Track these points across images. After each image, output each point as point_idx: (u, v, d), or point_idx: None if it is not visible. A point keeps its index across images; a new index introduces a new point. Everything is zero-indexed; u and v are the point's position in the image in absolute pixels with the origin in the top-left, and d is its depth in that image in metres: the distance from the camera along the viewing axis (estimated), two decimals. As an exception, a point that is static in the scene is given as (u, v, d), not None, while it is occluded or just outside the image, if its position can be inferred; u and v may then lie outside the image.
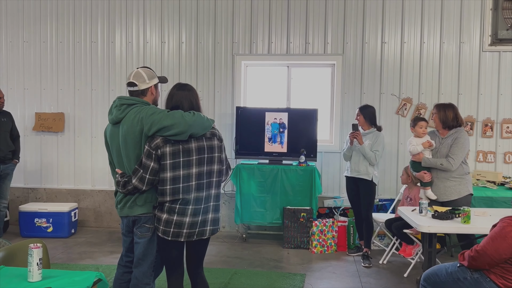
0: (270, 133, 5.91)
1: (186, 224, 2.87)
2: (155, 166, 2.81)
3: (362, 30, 6.07)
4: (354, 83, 6.11)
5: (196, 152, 2.89)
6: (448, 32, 5.95)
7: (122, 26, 6.42)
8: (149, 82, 2.99)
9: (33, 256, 2.25)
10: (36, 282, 2.22)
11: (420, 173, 4.52)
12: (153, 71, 3.09)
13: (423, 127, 4.61)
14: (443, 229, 3.72)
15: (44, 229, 5.94)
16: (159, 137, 2.81)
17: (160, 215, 2.87)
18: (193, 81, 6.32)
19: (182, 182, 2.85)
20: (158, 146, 2.80)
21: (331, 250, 5.49)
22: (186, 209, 2.86)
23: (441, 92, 5.97)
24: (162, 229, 2.86)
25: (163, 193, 2.84)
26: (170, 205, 2.85)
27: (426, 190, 4.49)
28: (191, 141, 2.87)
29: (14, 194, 6.47)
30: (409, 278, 4.60)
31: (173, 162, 2.82)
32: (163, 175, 2.82)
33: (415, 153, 4.55)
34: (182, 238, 2.88)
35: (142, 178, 2.82)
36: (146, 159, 2.82)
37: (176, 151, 2.83)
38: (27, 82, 6.57)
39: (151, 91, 3.02)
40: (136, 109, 2.89)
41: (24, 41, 6.55)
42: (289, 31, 6.19)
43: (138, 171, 2.83)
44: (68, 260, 5.04)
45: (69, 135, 6.54)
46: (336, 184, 6.17)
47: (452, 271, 3.02)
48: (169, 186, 2.82)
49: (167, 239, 2.87)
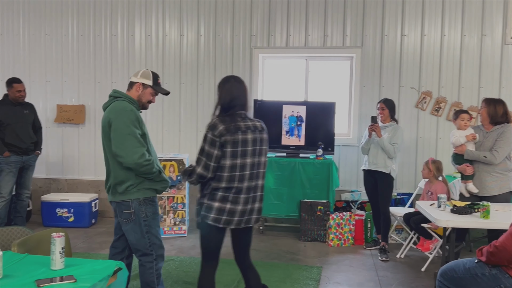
0: (287, 126, 5.92)
1: (238, 212, 2.99)
2: (218, 153, 2.92)
3: (381, 22, 6.02)
4: (373, 76, 6.06)
5: (251, 143, 3.01)
6: (469, 25, 5.86)
7: (141, 19, 6.48)
8: (139, 79, 3.17)
9: (56, 245, 2.30)
10: (59, 270, 2.28)
11: (462, 166, 4.43)
12: (154, 76, 3.22)
13: (465, 119, 4.52)
14: (462, 223, 3.69)
15: (66, 219, 6.06)
16: (221, 124, 2.92)
17: (211, 203, 2.97)
18: (211, 74, 6.36)
19: (238, 171, 2.96)
20: (222, 134, 2.91)
21: (348, 243, 5.50)
22: (239, 197, 2.98)
23: (462, 86, 5.89)
24: (213, 217, 2.95)
25: (220, 180, 2.94)
26: (224, 193, 2.95)
27: (468, 183, 4.41)
28: (247, 132, 2.99)
29: (37, 184, 6.61)
30: (426, 272, 4.58)
31: (232, 150, 2.93)
32: (223, 162, 2.93)
33: (457, 145, 4.46)
34: (233, 225, 3.00)
35: (207, 166, 2.92)
36: (209, 147, 2.91)
37: (236, 141, 2.94)
38: (49, 74, 6.68)
39: (136, 87, 3.17)
40: (117, 103, 3.08)
41: (46, 34, 6.65)
42: (308, 23, 6.16)
43: (201, 160, 2.94)
44: (89, 250, 5.13)
45: (90, 127, 6.65)
46: (354, 178, 6.16)
47: (470, 266, 2.99)
48: (226, 173, 2.93)
49: (217, 226, 2.97)
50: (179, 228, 5.72)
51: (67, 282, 2.13)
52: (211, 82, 6.37)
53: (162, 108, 6.48)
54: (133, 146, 2.96)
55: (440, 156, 5.65)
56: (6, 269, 2.24)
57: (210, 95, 6.37)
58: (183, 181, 3.13)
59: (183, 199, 5.72)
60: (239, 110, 3.03)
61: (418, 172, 5.97)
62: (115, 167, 3.09)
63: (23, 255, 2.48)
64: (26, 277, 2.19)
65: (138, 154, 2.95)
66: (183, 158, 5.71)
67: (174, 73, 6.45)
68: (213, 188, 2.96)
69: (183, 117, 6.46)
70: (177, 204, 5.70)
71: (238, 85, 3.10)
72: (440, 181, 4.94)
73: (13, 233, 2.96)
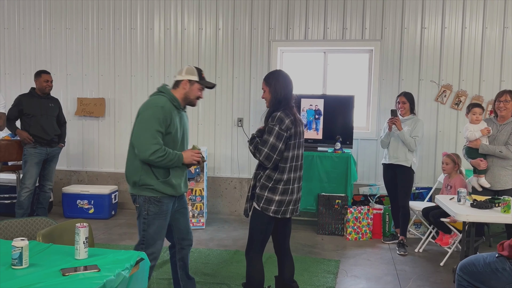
0: (305, 120, 5.91)
1: (292, 202, 3.17)
2: (283, 147, 3.05)
3: (401, 15, 5.95)
4: (392, 70, 6.01)
5: (301, 136, 3.17)
6: (491, 17, 5.76)
7: (160, 13, 6.51)
8: (184, 76, 3.15)
9: (80, 235, 2.35)
10: (83, 259, 2.33)
11: (476, 160, 4.40)
12: (198, 71, 3.20)
13: (477, 113, 4.47)
14: (482, 218, 3.65)
15: (86, 210, 6.16)
16: (287, 118, 3.04)
17: (271, 196, 3.09)
18: (229, 67, 6.37)
19: (294, 161, 3.12)
20: (289, 127, 3.05)
21: (366, 237, 5.49)
22: (293, 188, 3.15)
23: (483, 79, 5.81)
24: (274, 209, 3.10)
25: (283, 171, 3.08)
26: (284, 186, 3.09)
27: (480, 177, 4.38)
28: (299, 124, 3.14)
29: (58, 176, 6.72)
30: (445, 267, 4.56)
31: (293, 142, 3.09)
32: (286, 153, 3.07)
33: (472, 139, 4.42)
34: (288, 214, 3.17)
35: (269, 157, 3.04)
36: (275, 140, 3.02)
37: (296, 133, 3.10)
38: (69, 68, 6.77)
39: (183, 85, 3.16)
40: (154, 98, 3.11)
41: (67, 28, 6.74)
42: (326, 16, 6.13)
43: (263, 150, 3.04)
44: (109, 241, 5.22)
45: (110, 120, 6.73)
46: (372, 172, 6.13)
47: (490, 261, 2.96)
48: (289, 164, 3.09)
49: (276, 217, 3.14)
50: (198, 220, 5.77)
51: (91, 272, 2.17)
52: (229, 76, 6.39)
53: (180, 101, 6.52)
54: (148, 143, 2.97)
55: (460, 151, 5.57)
56: (32, 258, 2.29)
57: (228, 88, 6.39)
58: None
59: (201, 192, 5.76)
60: (292, 103, 3.17)
61: (437, 166, 5.92)
62: (128, 157, 3.15)
63: (48, 244, 2.53)
64: (51, 266, 2.24)
65: (150, 151, 2.96)
66: (202, 151, 5.73)
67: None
68: (275, 181, 3.08)
69: (201, 110, 6.50)
70: (196, 197, 5.75)
71: (289, 79, 3.24)
72: (459, 175, 4.89)
73: (37, 224, 3.02)
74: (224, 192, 6.47)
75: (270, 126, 3.04)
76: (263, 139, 3.06)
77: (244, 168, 6.45)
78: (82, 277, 2.11)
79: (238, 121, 6.40)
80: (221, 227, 5.90)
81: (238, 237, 5.45)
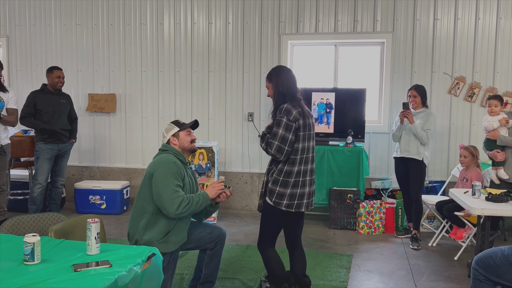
0: (316, 114, 5.87)
1: (306, 195, 3.16)
2: (293, 138, 3.04)
3: (413, 6, 5.87)
4: (404, 62, 5.94)
5: (311, 128, 3.16)
6: (506, 7, 5.66)
7: (170, 7, 6.49)
8: (167, 135, 3.26)
9: (91, 231, 2.34)
10: (95, 255, 2.33)
11: (493, 151, 4.33)
12: (173, 123, 3.31)
13: (492, 105, 4.41)
14: (497, 212, 3.60)
15: (98, 205, 6.19)
16: (294, 109, 3.03)
17: (283, 190, 3.09)
18: (239, 61, 6.34)
19: (305, 153, 3.11)
20: (296, 118, 3.04)
21: (379, 231, 5.44)
22: (305, 180, 3.13)
23: (497, 71, 5.72)
24: (286, 203, 3.10)
25: (294, 163, 3.07)
26: (295, 179, 3.08)
27: (499, 169, 4.32)
28: (310, 117, 3.14)
29: (70, 172, 6.75)
30: (459, 261, 4.50)
31: (302, 134, 3.08)
32: (296, 145, 3.07)
33: (490, 130, 4.36)
34: (303, 208, 3.16)
35: (281, 149, 3.03)
36: (285, 131, 3.02)
37: (304, 125, 3.09)
38: (80, 64, 6.79)
39: (173, 142, 3.25)
40: (162, 156, 3.16)
41: (77, 23, 6.75)
42: (337, 8, 6.07)
43: (273, 143, 3.03)
44: (121, 236, 5.23)
45: (121, 115, 6.74)
46: (384, 166, 6.08)
47: (508, 254, 2.90)
48: (299, 155, 3.08)
49: (290, 211, 3.13)
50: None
51: (103, 267, 2.16)
52: (239, 70, 6.36)
53: (191, 97, 6.51)
54: (170, 199, 2.95)
55: (474, 143, 5.50)
56: (44, 253, 2.29)
57: (238, 83, 6.36)
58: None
59: (212, 187, 5.74)
60: (298, 96, 3.16)
61: (450, 160, 5.85)
62: (132, 216, 3.17)
63: (60, 240, 2.54)
64: (63, 261, 2.24)
65: (175, 206, 2.94)
66: (212, 145, 5.74)
67: (202, 61, 6.46)
68: (286, 173, 3.07)
69: (212, 105, 6.48)
70: (207, 192, 5.73)
71: (291, 73, 3.22)
72: (476, 168, 4.82)
73: (49, 219, 3.03)
74: (235, 186, 6.46)
75: (278, 119, 3.05)
76: (273, 132, 3.06)
77: (255, 162, 6.43)
78: (94, 273, 2.10)
79: (248, 116, 6.37)
80: (232, 222, 5.89)
81: (249, 232, 5.43)
